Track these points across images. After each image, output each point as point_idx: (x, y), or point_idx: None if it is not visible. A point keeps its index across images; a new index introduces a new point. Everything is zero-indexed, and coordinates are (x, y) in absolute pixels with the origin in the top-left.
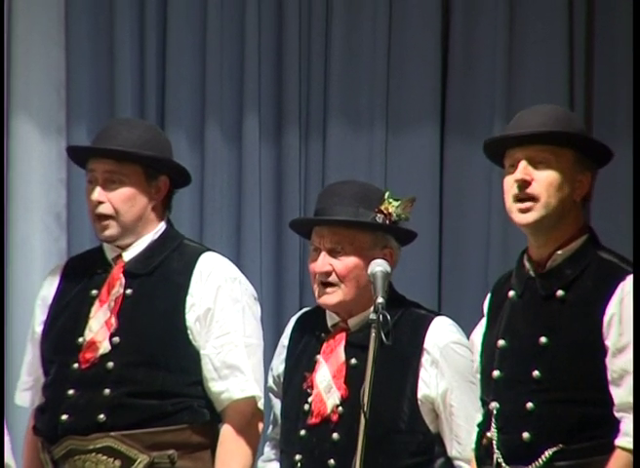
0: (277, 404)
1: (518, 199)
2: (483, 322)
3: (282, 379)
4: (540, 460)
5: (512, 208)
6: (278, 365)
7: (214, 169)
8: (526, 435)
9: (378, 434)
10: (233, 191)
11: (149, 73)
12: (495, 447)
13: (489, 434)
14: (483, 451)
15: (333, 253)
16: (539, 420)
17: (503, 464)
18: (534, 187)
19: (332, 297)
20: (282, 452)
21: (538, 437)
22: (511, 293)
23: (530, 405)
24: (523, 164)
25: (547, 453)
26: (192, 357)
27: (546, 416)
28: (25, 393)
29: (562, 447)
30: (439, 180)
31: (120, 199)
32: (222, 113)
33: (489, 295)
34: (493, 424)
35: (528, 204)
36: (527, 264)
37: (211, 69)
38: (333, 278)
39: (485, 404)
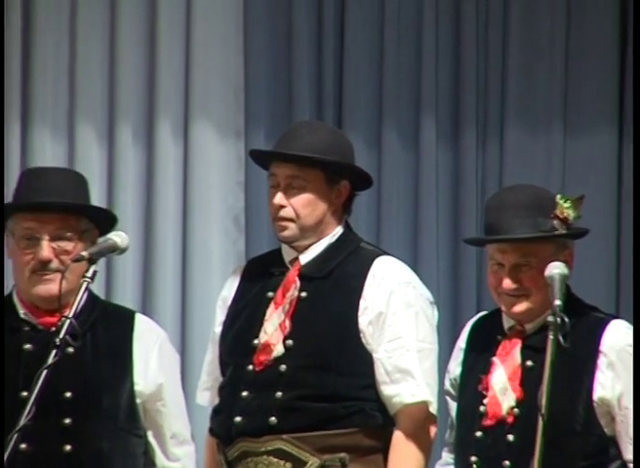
0: (454, 407)
1: None
2: None
3: (458, 382)
4: None
5: None
6: (455, 368)
7: (390, 171)
8: None
9: (553, 436)
10: (410, 194)
11: (327, 76)
12: None
13: None
14: None
15: (518, 267)
16: None
17: None
18: None
19: (521, 307)
20: (457, 454)
21: None
22: None
23: None
24: None
25: None
26: (365, 360)
27: None
28: (205, 392)
29: None
30: (617, 182)
31: (301, 204)
32: (399, 115)
33: None
34: None
35: None
36: None
37: (388, 72)
38: (522, 291)
39: None
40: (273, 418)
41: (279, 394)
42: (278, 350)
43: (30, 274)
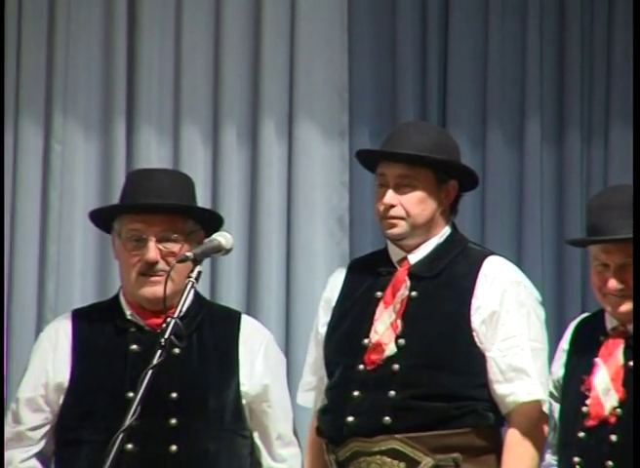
0: (557, 409)
1: None
2: None
3: (561, 383)
4: None
5: None
6: (558, 369)
7: (495, 172)
8: None
9: None
10: (514, 194)
11: (431, 76)
12: None
13: None
14: None
15: (624, 268)
16: None
17: None
18: None
19: (627, 307)
20: (560, 455)
21: None
22: None
23: None
24: None
25: None
26: (477, 359)
27: None
28: (309, 393)
29: None
30: None
31: (412, 203)
32: (504, 115)
33: None
34: None
35: None
36: None
37: (492, 71)
38: (627, 291)
39: None
40: (387, 418)
41: (392, 393)
42: (390, 349)
43: (137, 276)
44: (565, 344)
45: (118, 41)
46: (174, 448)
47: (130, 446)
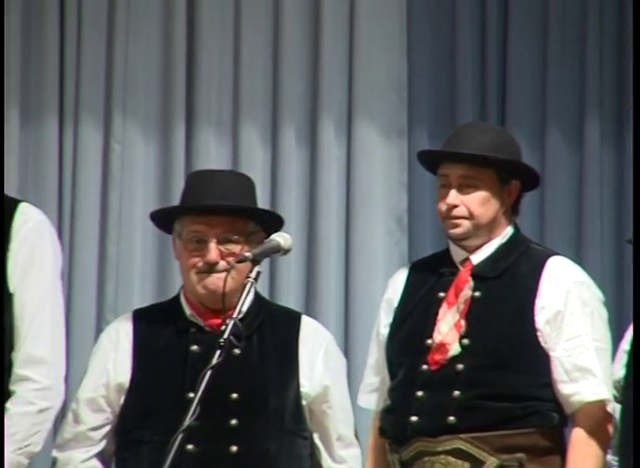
0: (618, 409)
1: None
2: None
3: (622, 384)
4: None
5: None
6: (619, 370)
7: (554, 171)
8: None
9: None
10: (573, 195)
11: (490, 75)
12: None
13: None
14: None
15: None
16: None
17: None
18: None
19: None
20: (621, 456)
21: None
22: None
23: None
24: None
25: None
26: (541, 359)
27: None
28: (371, 395)
29: None
30: None
31: (475, 203)
32: (563, 115)
33: None
34: None
35: None
36: None
37: (552, 71)
38: None
39: None
40: (452, 418)
41: (457, 393)
42: (454, 349)
43: (197, 275)
44: (626, 345)
45: (177, 42)
46: (234, 448)
47: (190, 446)
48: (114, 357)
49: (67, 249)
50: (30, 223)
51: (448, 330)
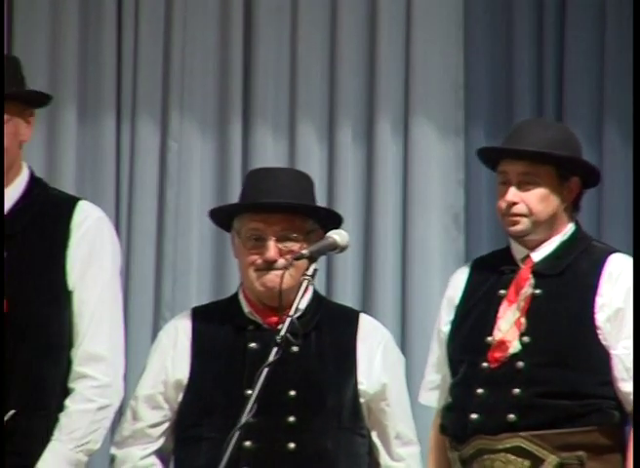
0: None
1: None
2: None
3: None
4: None
5: None
6: None
7: (612, 168)
8: None
9: None
10: (631, 192)
11: (547, 73)
12: None
13: None
14: None
15: None
16: None
17: None
18: None
19: None
20: None
21: None
22: None
23: None
24: None
25: None
26: (601, 357)
27: None
28: (432, 392)
29: None
30: None
31: (536, 199)
32: (620, 112)
33: None
34: None
35: None
36: None
37: (609, 68)
38: None
39: None
40: (512, 415)
41: (517, 391)
42: (515, 347)
43: (255, 272)
44: None
45: (234, 39)
46: (292, 445)
47: (248, 443)
48: (173, 354)
49: (125, 246)
50: (89, 221)
51: (508, 327)
